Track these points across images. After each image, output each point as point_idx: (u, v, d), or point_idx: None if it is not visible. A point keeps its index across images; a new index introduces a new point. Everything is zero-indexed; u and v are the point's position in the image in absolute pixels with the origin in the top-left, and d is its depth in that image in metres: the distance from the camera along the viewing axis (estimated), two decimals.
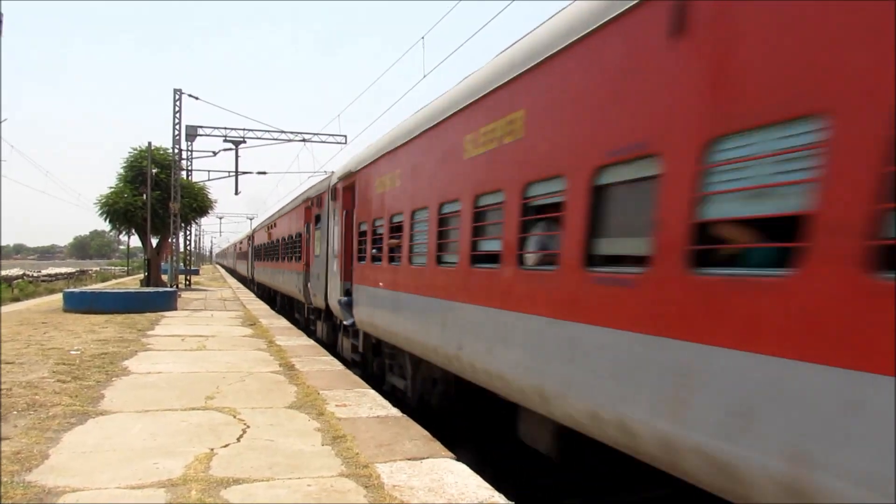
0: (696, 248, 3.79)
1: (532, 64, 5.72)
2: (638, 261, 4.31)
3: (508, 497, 4.94)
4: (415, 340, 8.80)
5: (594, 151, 4.80)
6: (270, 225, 30.03)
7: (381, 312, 10.40)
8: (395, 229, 9.69)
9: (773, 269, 3.35)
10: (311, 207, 18.20)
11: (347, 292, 13.11)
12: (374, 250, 10.90)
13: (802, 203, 3.18)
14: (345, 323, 13.28)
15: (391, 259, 9.83)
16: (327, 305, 15.53)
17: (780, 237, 3.41)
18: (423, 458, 5.83)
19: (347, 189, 13.29)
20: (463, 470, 5.52)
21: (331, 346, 15.22)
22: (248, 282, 45.45)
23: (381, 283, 10.36)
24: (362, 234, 11.81)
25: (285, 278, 23.87)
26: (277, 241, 26.70)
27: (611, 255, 4.77)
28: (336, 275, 14.11)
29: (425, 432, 6.81)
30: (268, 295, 32.23)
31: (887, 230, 2.82)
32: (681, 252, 3.85)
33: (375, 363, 12.02)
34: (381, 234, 10.38)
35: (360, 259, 11.84)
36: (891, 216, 2.80)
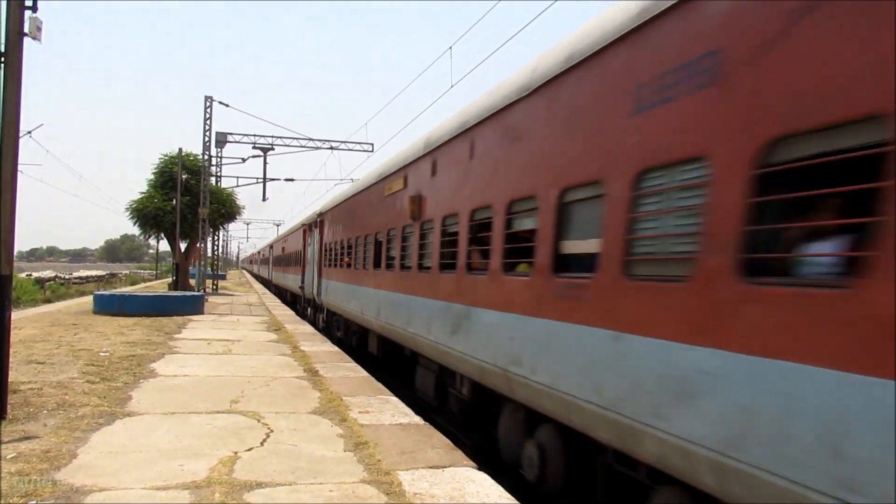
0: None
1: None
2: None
3: None
4: (346, 309, 16.27)
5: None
6: (283, 240, 42.70)
7: (334, 295, 18.01)
8: (343, 248, 16.92)
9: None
10: (306, 231, 26.16)
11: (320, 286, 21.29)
12: (330, 260, 19.28)
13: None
14: (317, 302, 22.17)
15: (339, 265, 17.26)
16: (313, 296, 23.09)
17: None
18: (445, 467, 5.81)
19: (322, 222, 21.52)
20: (485, 479, 5.50)
21: (312, 323, 22.05)
22: (268, 283, 55.62)
23: (334, 279, 18.11)
24: (327, 250, 19.98)
25: (291, 278, 34.31)
26: (287, 252, 38.34)
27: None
28: (315, 275, 22.17)
29: (448, 441, 6.80)
30: (280, 293, 41.79)
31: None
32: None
33: (331, 327, 19.62)
34: (335, 250, 18.10)
35: (326, 265, 20.07)
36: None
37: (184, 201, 32.46)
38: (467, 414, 8.53)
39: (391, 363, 13.09)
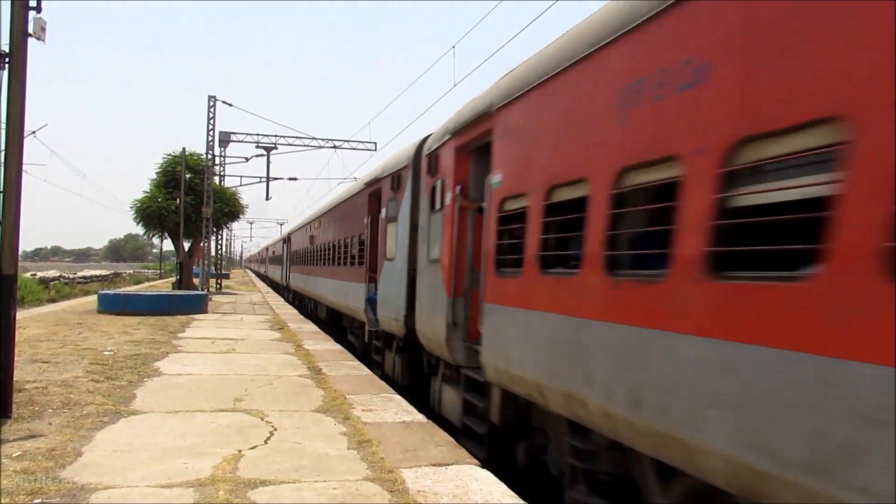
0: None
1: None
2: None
3: None
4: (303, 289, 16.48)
5: None
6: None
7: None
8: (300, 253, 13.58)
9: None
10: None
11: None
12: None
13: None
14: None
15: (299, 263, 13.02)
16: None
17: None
18: (449, 465, 5.83)
19: (289, 238, 16.91)
20: (488, 477, 5.51)
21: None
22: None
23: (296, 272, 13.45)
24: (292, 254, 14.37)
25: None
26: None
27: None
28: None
29: (451, 439, 6.82)
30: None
31: None
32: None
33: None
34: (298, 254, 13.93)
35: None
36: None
37: (187, 201, 32.55)
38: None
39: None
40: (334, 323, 20.74)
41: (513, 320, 6.39)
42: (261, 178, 36.50)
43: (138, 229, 38.32)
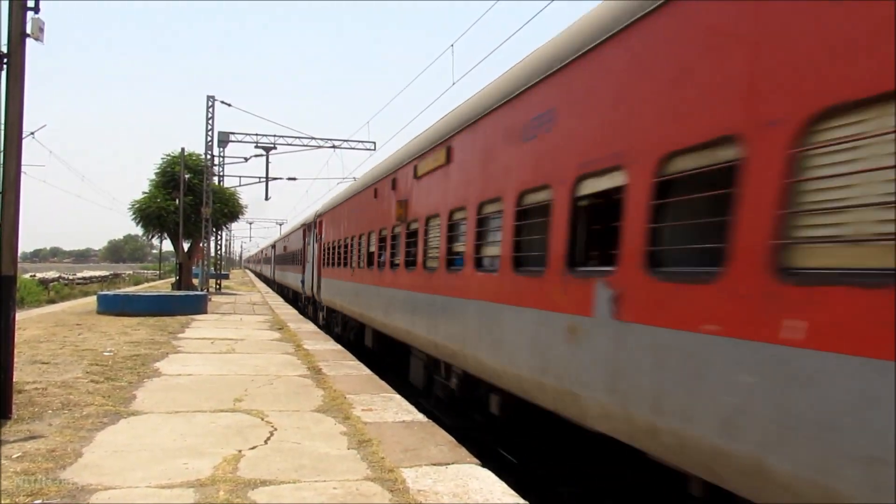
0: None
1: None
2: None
3: None
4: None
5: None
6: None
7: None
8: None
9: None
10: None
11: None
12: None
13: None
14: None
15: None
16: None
17: None
18: (449, 464, 5.83)
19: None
20: (488, 476, 5.51)
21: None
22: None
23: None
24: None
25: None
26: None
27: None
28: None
29: (451, 438, 6.82)
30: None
31: None
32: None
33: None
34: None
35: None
36: None
37: (187, 201, 32.53)
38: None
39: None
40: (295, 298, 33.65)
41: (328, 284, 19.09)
42: (260, 178, 36.53)
43: (138, 230, 38.33)
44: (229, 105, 31.88)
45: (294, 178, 41.81)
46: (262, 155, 33.56)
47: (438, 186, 9.31)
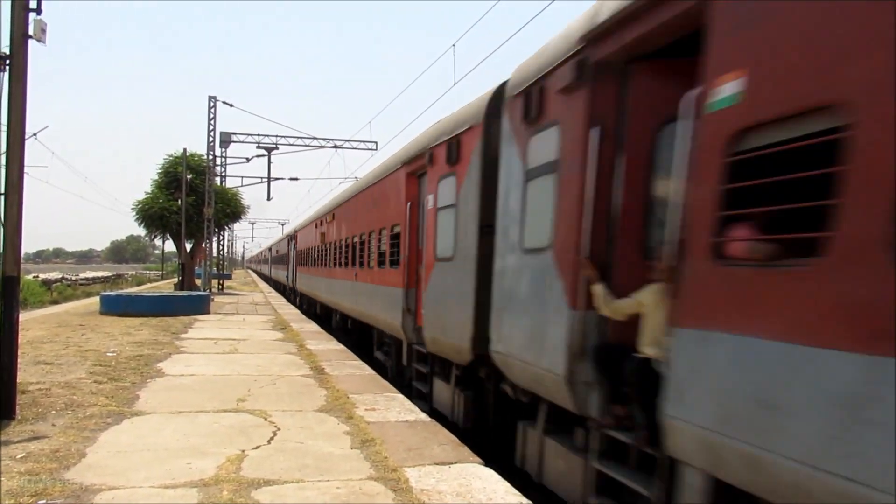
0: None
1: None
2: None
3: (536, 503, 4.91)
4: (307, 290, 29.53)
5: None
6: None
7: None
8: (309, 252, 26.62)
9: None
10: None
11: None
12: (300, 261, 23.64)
13: None
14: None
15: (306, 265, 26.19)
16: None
17: None
18: (452, 463, 5.83)
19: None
20: (491, 475, 5.52)
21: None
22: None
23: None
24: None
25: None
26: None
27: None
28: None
29: (454, 437, 6.82)
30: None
31: None
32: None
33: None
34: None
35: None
36: None
37: (189, 201, 32.55)
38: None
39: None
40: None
41: (300, 277, 31.14)
42: (262, 178, 36.50)
43: (140, 230, 38.36)
44: (231, 105, 31.91)
45: (296, 179, 41.84)
46: (263, 155, 33.54)
47: (333, 226, 19.88)
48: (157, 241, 41.01)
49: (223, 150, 33.55)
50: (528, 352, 6.21)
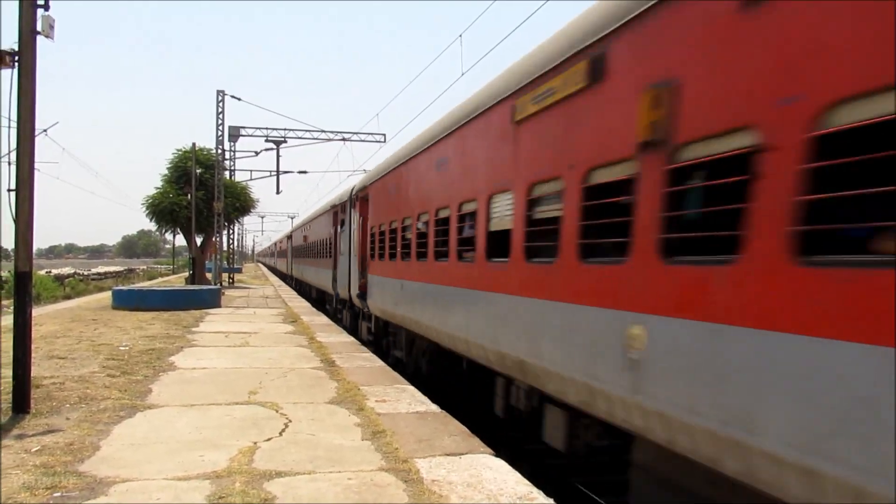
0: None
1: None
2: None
3: (547, 493, 4.92)
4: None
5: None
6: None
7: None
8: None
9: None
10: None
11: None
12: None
13: None
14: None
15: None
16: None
17: None
18: (462, 454, 5.85)
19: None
20: (501, 466, 5.53)
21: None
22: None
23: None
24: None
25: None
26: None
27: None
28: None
29: (464, 428, 6.83)
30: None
31: None
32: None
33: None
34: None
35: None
36: None
37: (198, 196, 32.67)
38: None
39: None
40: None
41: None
42: (271, 171, 36.57)
43: (151, 225, 38.62)
44: (239, 99, 31.93)
45: (305, 172, 41.62)
46: (272, 149, 33.57)
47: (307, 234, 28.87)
48: (168, 236, 41.28)
49: (232, 144, 33.61)
50: (345, 289, 18.61)
